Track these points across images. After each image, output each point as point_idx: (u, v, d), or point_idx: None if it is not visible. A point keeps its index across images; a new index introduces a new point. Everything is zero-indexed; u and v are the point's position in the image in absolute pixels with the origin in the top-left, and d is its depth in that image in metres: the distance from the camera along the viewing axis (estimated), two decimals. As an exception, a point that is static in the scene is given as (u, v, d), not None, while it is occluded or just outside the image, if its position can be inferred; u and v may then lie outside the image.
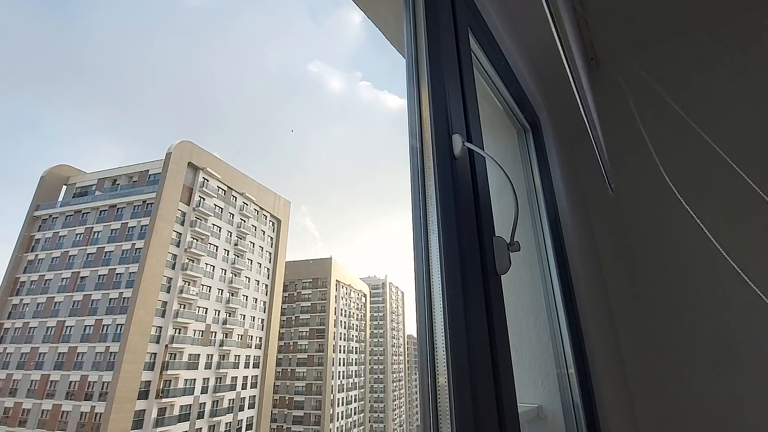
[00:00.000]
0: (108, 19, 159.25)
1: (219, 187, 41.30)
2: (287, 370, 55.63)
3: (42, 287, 36.27)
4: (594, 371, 1.39)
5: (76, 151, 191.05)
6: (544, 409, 1.30)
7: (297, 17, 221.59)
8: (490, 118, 1.63)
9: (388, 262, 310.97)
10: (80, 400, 30.75)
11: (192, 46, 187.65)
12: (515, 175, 1.64)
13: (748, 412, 1.69)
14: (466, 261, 0.71)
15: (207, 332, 37.16)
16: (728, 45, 2.08)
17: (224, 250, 40.70)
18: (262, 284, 46.31)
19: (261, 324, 45.10)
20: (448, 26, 0.96)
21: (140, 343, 31.08)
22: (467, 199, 0.80)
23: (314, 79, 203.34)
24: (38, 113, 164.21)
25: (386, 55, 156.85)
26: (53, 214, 39.55)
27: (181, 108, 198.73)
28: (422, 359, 0.67)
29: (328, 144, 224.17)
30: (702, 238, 1.93)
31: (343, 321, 60.70)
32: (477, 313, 0.70)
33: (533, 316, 1.43)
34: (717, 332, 1.79)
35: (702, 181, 2.00)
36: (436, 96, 0.83)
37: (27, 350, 34.06)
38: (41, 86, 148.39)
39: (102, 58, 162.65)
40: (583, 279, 1.55)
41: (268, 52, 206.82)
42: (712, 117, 2.05)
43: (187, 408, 34.14)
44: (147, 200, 35.88)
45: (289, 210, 53.68)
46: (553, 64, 1.72)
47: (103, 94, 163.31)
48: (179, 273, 35.06)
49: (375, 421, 74.22)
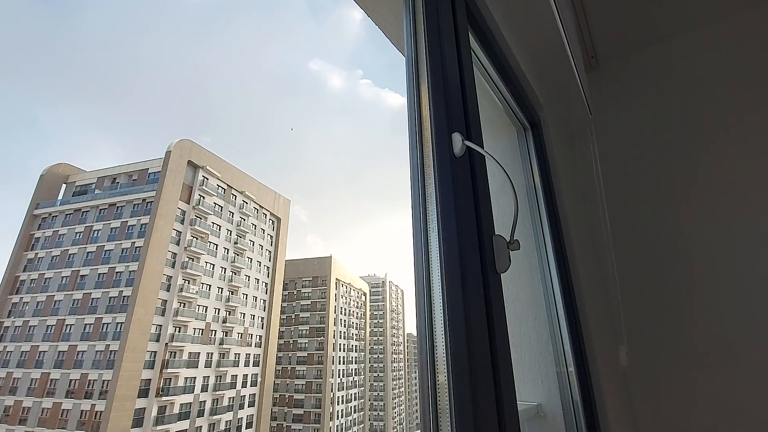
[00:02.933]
0: (107, 15, 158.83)
1: (219, 186, 41.28)
2: (287, 369, 55.72)
3: (42, 286, 36.27)
4: (593, 370, 1.39)
5: (75, 150, 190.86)
6: (544, 408, 1.31)
7: (297, 15, 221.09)
8: (490, 116, 1.63)
9: (388, 260, 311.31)
10: (80, 399, 30.80)
11: (192, 44, 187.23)
12: (515, 173, 1.64)
13: (747, 412, 1.69)
14: (465, 259, 0.72)
15: (207, 330, 37.18)
16: (728, 44, 2.08)
17: (224, 249, 40.70)
18: (262, 283, 46.33)
19: (261, 322, 45.15)
20: (448, 25, 0.96)
21: (140, 341, 31.11)
22: (467, 197, 0.80)
23: (314, 77, 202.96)
24: (38, 112, 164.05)
25: (387, 52, 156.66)
26: (53, 212, 39.53)
27: (180, 106, 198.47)
28: (422, 358, 0.67)
29: (328, 142, 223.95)
30: (702, 238, 1.94)
31: (342, 319, 60.77)
32: (477, 312, 0.70)
33: (533, 314, 1.43)
34: (717, 332, 1.80)
35: (702, 180, 2.00)
36: (435, 94, 0.83)
37: (27, 349, 34.08)
38: (41, 84, 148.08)
39: (101, 56, 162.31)
40: (582, 278, 1.56)
41: (268, 50, 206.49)
42: (713, 116, 2.05)
43: (187, 406, 34.19)
44: (147, 199, 35.87)
45: (289, 208, 53.69)
46: (553, 63, 1.72)
47: (102, 92, 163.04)
48: (179, 271, 35.07)
49: (375, 419, 74.41)
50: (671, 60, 2.22)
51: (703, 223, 1.94)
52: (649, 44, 2.29)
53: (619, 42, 2.31)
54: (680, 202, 2.02)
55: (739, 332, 1.76)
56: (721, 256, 1.87)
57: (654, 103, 2.22)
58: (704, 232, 1.93)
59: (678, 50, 2.21)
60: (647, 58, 2.29)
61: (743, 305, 1.77)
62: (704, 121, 2.05)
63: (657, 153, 2.13)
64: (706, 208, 1.95)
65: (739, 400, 1.70)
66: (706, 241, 1.91)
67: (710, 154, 2.00)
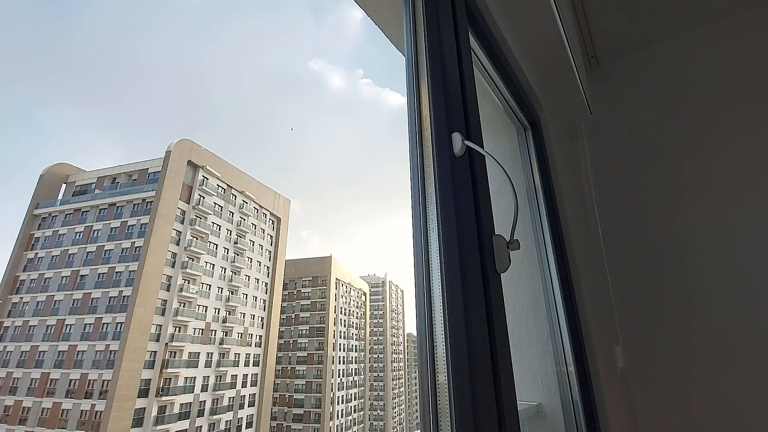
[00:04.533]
0: (106, 15, 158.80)
1: (218, 186, 41.26)
2: (287, 368, 55.71)
3: (42, 285, 36.25)
4: (593, 369, 1.39)
5: (75, 150, 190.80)
6: (544, 407, 1.31)
7: (297, 14, 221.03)
8: (490, 116, 1.63)
9: (387, 260, 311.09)
10: (80, 399, 30.78)
11: (192, 44, 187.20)
12: (515, 173, 1.64)
13: (747, 411, 1.69)
14: (465, 259, 0.72)
15: (207, 330, 37.18)
16: (728, 43, 2.08)
17: (224, 249, 40.70)
18: (262, 282, 46.32)
19: (261, 322, 45.14)
20: (448, 24, 0.95)
21: (140, 341, 31.09)
22: (467, 197, 0.80)
23: (315, 76, 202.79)
24: (38, 111, 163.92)
25: (388, 51, 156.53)
26: (53, 212, 39.50)
27: (180, 106, 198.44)
28: (422, 357, 0.67)
29: (328, 142, 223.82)
30: (702, 237, 1.94)
31: (342, 319, 60.76)
32: (477, 312, 0.70)
33: (533, 314, 1.43)
34: (717, 331, 1.80)
35: (702, 179, 2.00)
36: (435, 94, 0.83)
37: (27, 348, 34.06)
38: (41, 84, 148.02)
39: (101, 56, 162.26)
40: (582, 277, 1.56)
41: (268, 49, 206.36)
42: (712, 114, 2.05)
43: (187, 406, 34.19)
44: (147, 198, 35.85)
45: (289, 208, 53.67)
46: (553, 63, 1.72)
47: (102, 92, 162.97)
48: (179, 271, 35.06)
49: (375, 419, 74.39)
50: (671, 60, 2.22)
51: (703, 223, 1.94)
52: (649, 44, 2.29)
53: (619, 42, 2.31)
54: (680, 202, 2.02)
55: (739, 331, 1.76)
56: (720, 255, 1.87)
57: (654, 102, 2.22)
58: (703, 231, 1.93)
59: (678, 50, 2.21)
60: (647, 58, 2.29)
61: (743, 304, 1.77)
62: (704, 120, 2.05)
63: (657, 152, 2.13)
64: (706, 208, 1.95)
65: (739, 400, 1.70)
66: (705, 240, 1.91)
67: (710, 154, 2.00)
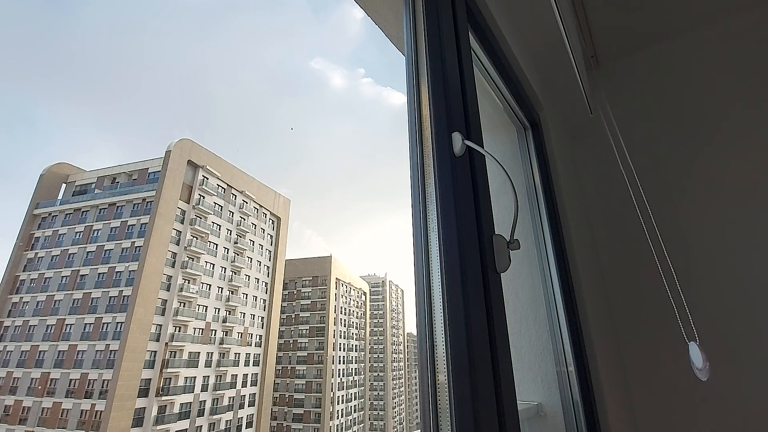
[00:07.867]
0: (106, 15, 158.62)
1: (219, 185, 41.25)
2: (287, 368, 55.71)
3: (42, 285, 36.25)
4: (593, 369, 1.39)
5: (75, 150, 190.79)
6: (544, 407, 1.31)
7: (298, 14, 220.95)
8: (490, 116, 1.63)
9: (388, 260, 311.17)
10: (80, 398, 30.78)
11: (192, 43, 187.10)
12: (515, 173, 1.64)
13: (747, 411, 1.69)
14: (465, 259, 0.71)
15: (207, 330, 37.17)
16: (728, 43, 2.08)
17: (224, 248, 40.68)
18: (262, 282, 46.31)
19: (261, 322, 45.14)
20: (448, 24, 0.95)
21: (140, 341, 31.09)
22: (467, 196, 0.80)
23: (316, 75, 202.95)
24: (38, 111, 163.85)
25: (389, 50, 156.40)
26: (53, 212, 39.50)
27: (180, 106, 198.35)
28: (422, 357, 0.67)
29: (328, 141, 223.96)
30: (703, 236, 1.94)
31: (342, 319, 60.75)
32: (477, 311, 0.70)
33: (533, 313, 1.43)
34: (717, 330, 1.80)
35: (702, 179, 2.00)
36: (435, 94, 0.83)
37: (27, 348, 34.06)
38: (40, 84, 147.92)
39: (101, 55, 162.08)
40: (582, 277, 1.56)
41: (268, 49, 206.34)
42: (712, 114, 2.05)
43: (187, 406, 34.18)
44: (147, 198, 35.84)
45: (289, 208, 53.65)
46: (553, 63, 1.72)
47: (102, 92, 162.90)
48: (179, 271, 35.05)
49: (375, 418, 74.41)
50: (671, 59, 2.22)
51: (703, 222, 1.94)
52: (649, 44, 2.29)
53: (619, 42, 2.31)
54: (680, 201, 2.02)
55: (739, 331, 1.76)
56: (720, 254, 1.87)
57: (654, 102, 2.22)
58: (704, 231, 1.93)
59: (678, 50, 2.21)
60: (647, 57, 2.29)
61: (743, 304, 1.77)
62: (704, 120, 2.05)
63: (657, 152, 2.13)
64: (706, 207, 1.95)
65: (739, 400, 1.70)
66: (705, 240, 1.91)
67: (710, 153, 2.00)
